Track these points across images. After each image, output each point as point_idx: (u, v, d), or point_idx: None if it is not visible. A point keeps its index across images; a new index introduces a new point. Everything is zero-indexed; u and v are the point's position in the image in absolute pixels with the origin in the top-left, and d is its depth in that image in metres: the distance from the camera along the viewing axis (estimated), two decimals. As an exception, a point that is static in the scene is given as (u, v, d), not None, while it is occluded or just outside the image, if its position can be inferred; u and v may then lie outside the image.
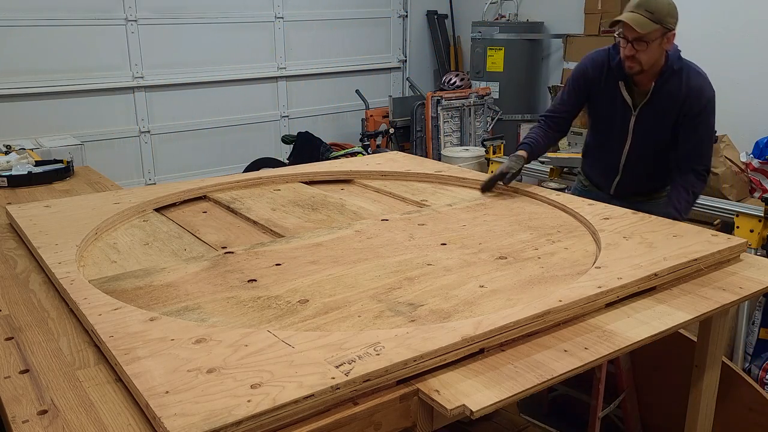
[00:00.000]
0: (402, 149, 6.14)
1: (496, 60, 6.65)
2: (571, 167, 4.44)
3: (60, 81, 5.47)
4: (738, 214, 3.42)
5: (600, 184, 3.03)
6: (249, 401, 1.18)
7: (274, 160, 6.06)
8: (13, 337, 1.54)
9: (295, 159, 5.76)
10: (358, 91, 6.62)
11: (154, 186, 2.89)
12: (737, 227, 3.38)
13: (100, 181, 3.32)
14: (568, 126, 2.95)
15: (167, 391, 1.21)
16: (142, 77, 5.85)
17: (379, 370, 1.28)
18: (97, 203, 2.49)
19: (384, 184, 2.90)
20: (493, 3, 7.08)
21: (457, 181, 2.89)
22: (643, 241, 2.02)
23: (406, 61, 7.57)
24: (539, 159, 4.47)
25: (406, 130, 6.51)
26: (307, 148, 5.82)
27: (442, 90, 6.63)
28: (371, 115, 6.60)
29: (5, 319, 1.63)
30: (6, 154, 3.51)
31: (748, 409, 2.46)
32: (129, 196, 2.57)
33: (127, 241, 2.18)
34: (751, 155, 4.27)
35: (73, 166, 3.47)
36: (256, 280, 1.80)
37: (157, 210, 2.52)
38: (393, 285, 1.77)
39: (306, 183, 2.94)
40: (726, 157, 4.14)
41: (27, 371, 1.38)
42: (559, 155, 4.65)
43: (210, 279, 1.81)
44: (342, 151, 5.70)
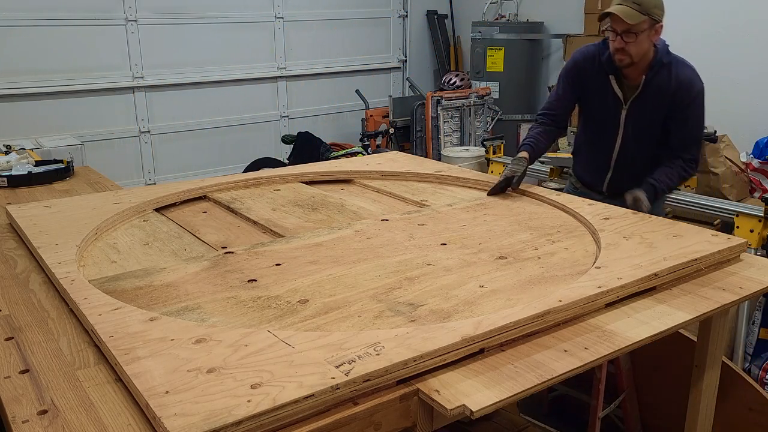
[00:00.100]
0: (402, 149, 6.14)
1: (496, 60, 6.65)
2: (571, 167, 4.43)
3: (60, 81, 5.47)
4: (738, 214, 3.42)
5: (592, 184, 3.02)
6: (249, 401, 1.18)
7: (274, 160, 6.06)
8: (13, 337, 1.54)
9: (295, 159, 5.76)
10: (358, 91, 6.62)
11: (154, 186, 2.89)
12: (737, 227, 3.38)
13: (100, 181, 3.32)
14: (566, 122, 2.95)
15: (167, 391, 1.21)
16: (142, 77, 5.85)
17: (379, 370, 1.28)
18: (97, 203, 2.49)
19: (384, 184, 2.90)
20: (493, 3, 7.08)
21: (457, 181, 2.89)
22: (643, 241, 2.02)
23: (406, 61, 7.57)
24: (539, 159, 4.46)
25: (406, 130, 6.51)
26: (307, 148, 5.82)
27: (442, 90, 6.63)
28: (371, 115, 6.59)
29: (5, 319, 1.63)
30: (6, 154, 3.51)
31: (748, 409, 2.46)
32: (129, 196, 2.57)
33: (127, 241, 2.18)
34: (751, 155, 4.27)
35: (73, 166, 3.47)
36: (256, 280, 1.80)
37: (157, 210, 2.53)
38: (393, 285, 1.77)
39: (306, 183, 2.94)
40: (726, 157, 4.14)
41: (27, 371, 1.38)
42: (559, 155, 4.65)
43: (210, 279, 1.81)
44: (342, 151, 5.70)
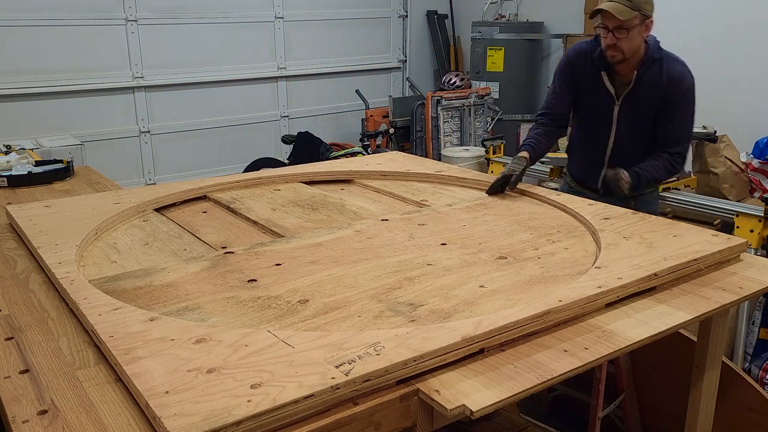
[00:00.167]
0: (402, 149, 6.14)
1: (496, 60, 6.64)
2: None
3: (60, 81, 5.47)
4: (738, 214, 3.42)
5: (587, 182, 3.02)
6: (249, 401, 1.18)
7: (274, 160, 6.06)
8: (13, 337, 1.54)
9: (295, 159, 5.76)
10: (358, 91, 6.62)
11: (154, 186, 2.89)
12: (737, 227, 3.38)
13: (100, 181, 3.32)
14: (565, 120, 2.96)
15: (167, 391, 1.21)
16: (142, 77, 5.85)
17: (379, 370, 1.28)
18: (97, 203, 2.49)
19: (384, 184, 2.90)
20: (493, 3, 7.08)
21: (457, 181, 2.89)
22: (643, 241, 2.02)
23: (406, 61, 7.57)
24: (540, 159, 4.46)
25: (406, 130, 6.51)
26: (307, 148, 5.81)
27: (442, 90, 6.63)
28: (371, 115, 6.59)
29: (5, 319, 1.63)
30: (6, 154, 3.51)
31: (748, 409, 2.46)
32: (129, 196, 2.57)
33: (127, 241, 2.18)
34: (751, 155, 4.26)
35: (73, 166, 3.47)
36: (256, 280, 1.80)
37: (157, 210, 2.53)
38: (393, 285, 1.77)
39: (306, 183, 2.94)
40: (726, 157, 4.14)
41: (27, 371, 1.38)
42: (559, 155, 4.63)
43: (210, 279, 1.81)
44: (342, 151, 5.70)
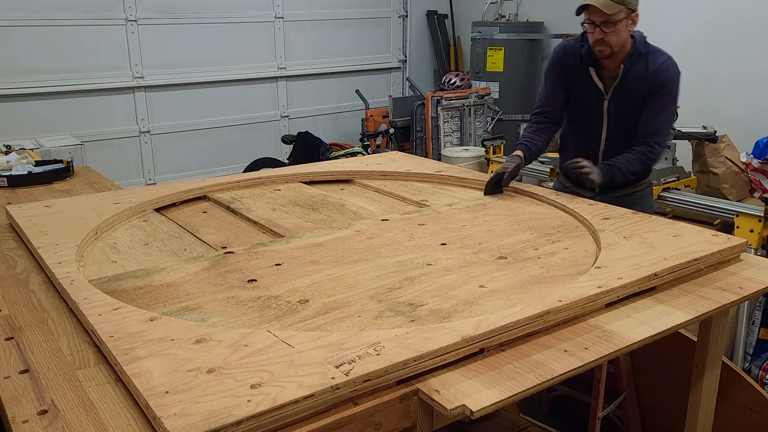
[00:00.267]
0: (402, 149, 6.14)
1: (496, 60, 6.64)
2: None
3: (60, 81, 5.47)
4: (738, 214, 3.42)
5: (580, 180, 3.02)
6: (249, 401, 1.18)
7: (274, 160, 6.06)
8: (13, 337, 1.54)
9: (295, 159, 5.76)
10: (358, 91, 6.62)
11: (154, 186, 2.89)
12: (737, 227, 3.38)
13: (100, 181, 3.32)
14: (560, 117, 2.96)
15: (167, 391, 1.21)
16: (142, 77, 5.85)
17: (379, 370, 1.28)
18: (97, 203, 2.49)
19: (384, 184, 2.90)
20: (493, 3, 7.08)
21: (457, 181, 2.89)
22: (643, 241, 2.02)
23: (406, 61, 7.57)
24: (539, 159, 4.46)
25: (406, 130, 6.51)
26: (307, 148, 5.81)
27: (442, 90, 6.63)
28: (371, 115, 6.59)
29: (5, 319, 1.63)
30: (6, 154, 3.51)
31: (748, 409, 2.46)
32: (129, 196, 2.57)
33: (127, 241, 2.18)
34: (751, 155, 4.26)
35: (73, 166, 3.47)
36: (256, 280, 1.80)
37: (157, 210, 2.53)
38: (393, 285, 1.77)
39: (306, 183, 2.94)
40: (726, 157, 4.14)
41: (27, 371, 1.38)
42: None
43: (210, 279, 1.81)
44: (342, 151, 5.70)
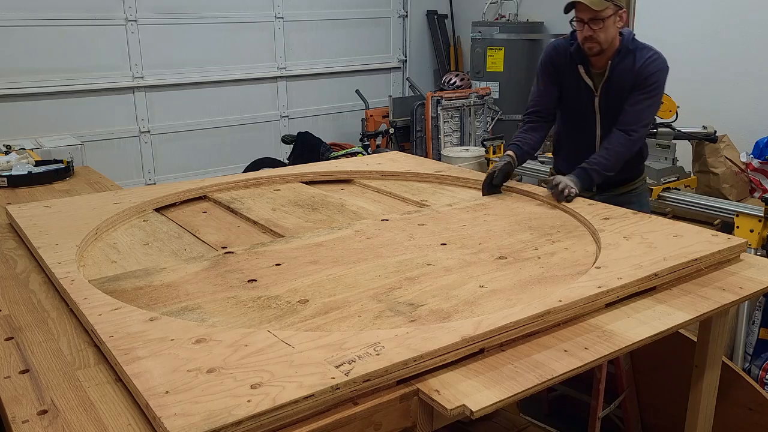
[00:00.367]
0: (402, 149, 6.14)
1: (496, 60, 6.64)
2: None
3: (60, 81, 5.47)
4: (738, 214, 3.42)
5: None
6: (249, 401, 1.18)
7: (274, 160, 6.06)
8: (13, 337, 1.54)
9: (295, 159, 5.76)
10: (358, 91, 6.62)
11: (154, 186, 2.89)
12: (737, 227, 3.38)
13: (100, 181, 3.32)
14: (553, 116, 2.95)
15: (167, 391, 1.21)
16: (142, 77, 5.85)
17: (379, 370, 1.28)
18: (97, 203, 2.49)
19: (384, 184, 2.90)
20: (493, 3, 7.08)
21: (457, 181, 2.89)
22: (643, 241, 2.02)
23: (406, 61, 7.57)
24: (539, 159, 4.46)
25: (406, 130, 6.51)
26: (307, 148, 5.81)
27: (442, 90, 6.62)
28: (371, 115, 6.59)
29: (5, 319, 1.63)
30: (6, 154, 3.51)
31: (748, 409, 2.46)
32: (129, 196, 2.57)
33: (127, 241, 2.18)
34: (751, 155, 4.26)
35: (73, 166, 3.47)
36: (256, 280, 1.80)
37: (157, 210, 2.53)
38: (393, 285, 1.77)
39: (306, 183, 2.94)
40: (726, 157, 4.14)
41: (27, 371, 1.38)
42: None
43: (210, 279, 1.81)
44: (342, 151, 5.70)
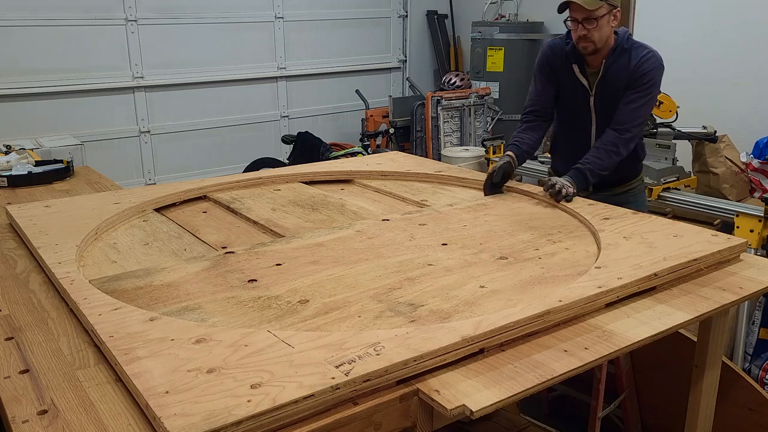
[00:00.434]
0: (402, 149, 6.14)
1: (496, 60, 6.64)
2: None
3: (60, 81, 5.47)
4: (738, 214, 3.42)
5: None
6: (249, 401, 1.18)
7: (274, 160, 6.06)
8: (13, 337, 1.54)
9: (295, 159, 5.76)
10: (358, 91, 6.62)
11: (154, 186, 2.89)
12: (737, 227, 3.38)
13: (100, 181, 3.32)
14: (550, 115, 2.95)
15: (167, 391, 1.21)
16: (142, 77, 5.85)
17: (379, 370, 1.28)
18: (97, 203, 2.49)
19: (384, 184, 2.90)
20: (493, 3, 7.08)
21: (457, 181, 2.89)
22: (643, 241, 2.02)
23: (406, 61, 7.57)
24: (538, 159, 4.46)
25: (406, 130, 6.51)
26: (307, 148, 5.81)
27: (442, 90, 6.63)
28: (371, 115, 6.59)
29: (5, 319, 1.63)
30: (6, 154, 3.51)
31: (748, 409, 2.46)
32: (129, 196, 2.57)
33: (127, 241, 2.18)
34: (751, 155, 4.26)
35: (73, 166, 3.47)
36: (256, 280, 1.80)
37: (157, 210, 2.52)
38: (393, 285, 1.76)
39: (306, 183, 2.93)
40: (726, 157, 4.14)
41: (27, 371, 1.38)
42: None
43: (210, 279, 1.81)
44: (342, 151, 5.70)
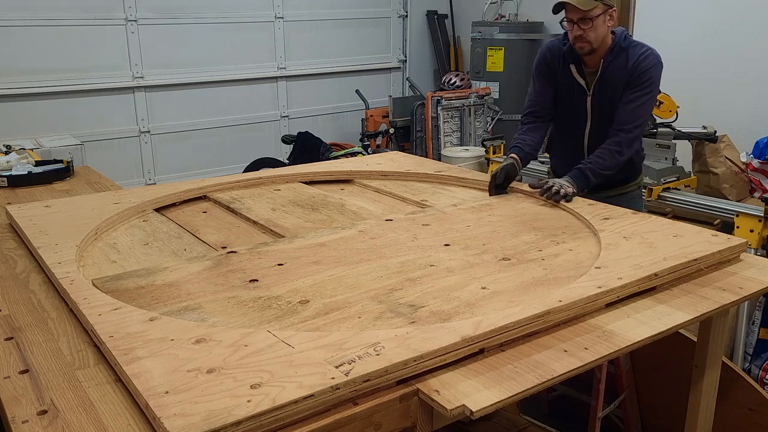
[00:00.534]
0: (402, 149, 6.14)
1: (496, 60, 6.64)
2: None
3: (60, 81, 5.47)
4: (738, 214, 3.42)
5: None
6: (249, 401, 1.18)
7: (274, 160, 6.06)
8: (13, 337, 1.54)
9: (295, 159, 5.76)
10: (358, 91, 6.62)
11: (154, 186, 2.89)
12: (737, 227, 3.38)
13: (100, 181, 3.32)
14: (550, 115, 2.95)
15: (167, 392, 1.21)
16: (142, 77, 5.85)
17: (379, 370, 1.28)
18: (97, 203, 2.49)
19: (384, 184, 2.90)
20: (493, 3, 7.08)
21: (457, 181, 2.89)
22: (643, 241, 2.02)
23: (406, 61, 7.57)
24: (539, 159, 4.46)
25: (406, 130, 6.51)
26: (307, 148, 5.81)
27: (442, 90, 6.63)
28: (371, 115, 6.59)
29: (5, 319, 1.63)
30: (6, 154, 3.51)
31: (748, 409, 2.46)
32: (129, 196, 2.57)
33: (127, 241, 2.18)
34: (751, 155, 4.26)
35: (73, 166, 3.46)
36: (257, 280, 1.80)
37: (157, 210, 2.52)
38: (395, 286, 1.76)
39: (306, 183, 2.93)
40: (726, 157, 4.14)
41: (27, 371, 1.38)
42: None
43: (211, 279, 1.81)
44: (342, 151, 5.70)
